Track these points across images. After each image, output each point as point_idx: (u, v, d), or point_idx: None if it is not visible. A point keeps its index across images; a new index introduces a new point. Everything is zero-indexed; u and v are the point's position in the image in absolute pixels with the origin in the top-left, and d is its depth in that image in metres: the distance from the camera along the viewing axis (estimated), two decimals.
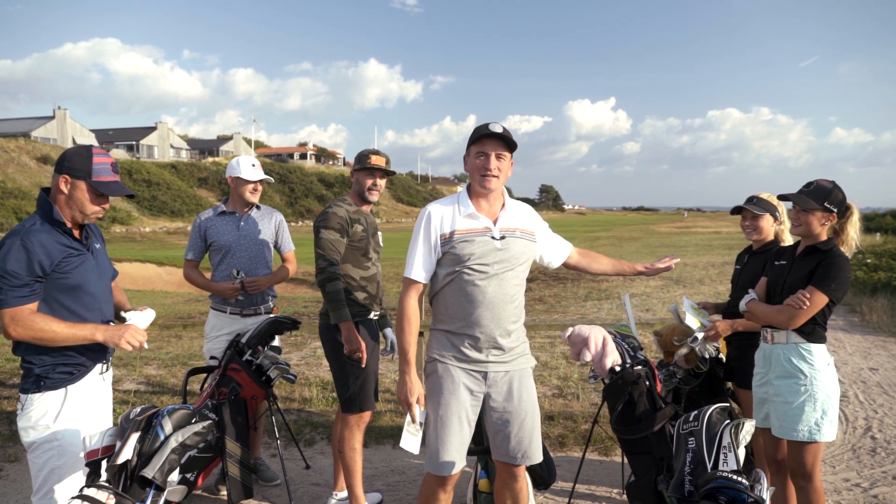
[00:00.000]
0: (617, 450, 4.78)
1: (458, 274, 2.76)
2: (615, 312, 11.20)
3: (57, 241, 2.61)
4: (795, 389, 3.01)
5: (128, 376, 6.86)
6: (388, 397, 6.13)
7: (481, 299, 2.74)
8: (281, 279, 4.30)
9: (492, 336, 2.76)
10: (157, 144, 72.59)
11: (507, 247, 2.78)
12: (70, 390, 2.68)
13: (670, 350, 3.76)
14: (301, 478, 4.45)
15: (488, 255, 2.75)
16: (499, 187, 2.82)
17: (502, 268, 2.76)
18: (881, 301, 11.26)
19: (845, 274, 2.95)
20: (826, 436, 3.00)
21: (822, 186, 3.02)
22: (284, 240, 4.39)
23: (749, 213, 3.72)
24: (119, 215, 50.21)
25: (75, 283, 2.66)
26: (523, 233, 2.87)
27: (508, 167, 2.82)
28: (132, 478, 2.47)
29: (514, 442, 2.84)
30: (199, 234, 4.18)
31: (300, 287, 17.46)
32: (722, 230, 47.20)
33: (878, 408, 5.89)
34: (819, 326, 3.03)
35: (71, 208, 2.66)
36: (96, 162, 2.65)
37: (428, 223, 2.81)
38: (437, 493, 2.82)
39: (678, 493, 2.67)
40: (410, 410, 2.75)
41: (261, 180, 4.18)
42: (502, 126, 2.76)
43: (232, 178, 4.17)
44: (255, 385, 3.83)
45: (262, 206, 4.33)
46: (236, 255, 4.13)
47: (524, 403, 2.83)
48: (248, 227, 4.19)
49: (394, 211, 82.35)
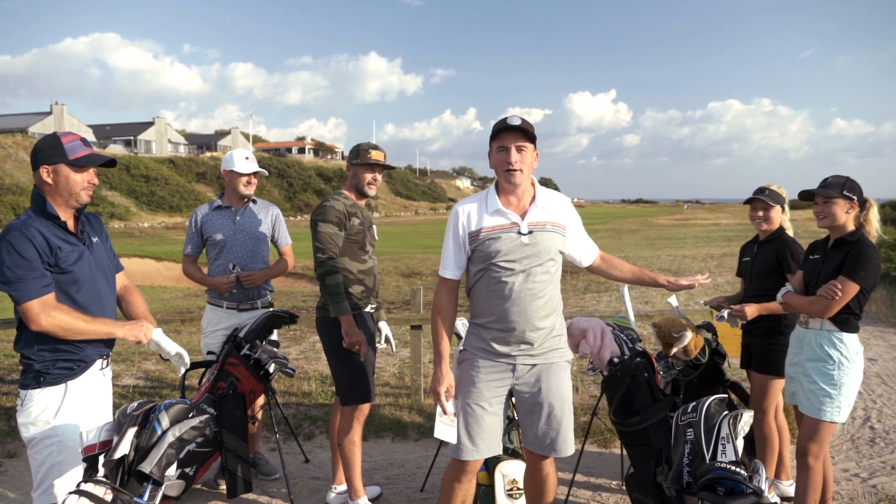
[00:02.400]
0: (616, 442, 4.78)
1: (486, 271, 2.79)
2: (614, 304, 11.20)
3: (52, 233, 2.61)
4: (823, 372, 3.19)
5: (127, 371, 6.86)
6: (388, 391, 6.14)
7: (508, 295, 2.76)
8: (278, 273, 4.29)
9: (519, 331, 2.78)
10: (154, 139, 72.45)
11: (534, 241, 2.77)
12: (70, 386, 2.67)
13: (668, 342, 3.75)
14: (300, 471, 4.46)
15: (515, 252, 2.75)
16: (525, 181, 2.80)
17: (530, 263, 2.76)
18: (880, 292, 11.26)
19: (874, 262, 3.12)
20: (841, 418, 3.20)
21: (837, 179, 3.22)
22: (281, 234, 4.37)
23: (762, 204, 3.77)
24: (117, 210, 50.16)
25: (74, 278, 2.65)
26: (554, 226, 2.82)
27: (533, 158, 2.80)
28: (129, 472, 2.46)
29: (540, 433, 2.86)
30: (196, 229, 4.18)
31: (299, 281, 17.45)
32: (721, 222, 47.20)
33: (876, 398, 5.90)
34: (853, 316, 3.19)
35: (62, 196, 2.66)
36: (66, 142, 2.66)
37: (456, 222, 2.86)
38: (459, 477, 2.89)
39: (677, 484, 2.67)
40: (440, 401, 2.80)
41: (255, 173, 4.17)
42: (521, 118, 2.76)
43: (226, 171, 4.17)
44: (254, 379, 3.83)
45: (258, 199, 4.32)
46: (232, 250, 4.12)
47: (551, 396, 2.83)
48: (244, 221, 4.18)
49: (392, 205, 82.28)
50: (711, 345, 3.92)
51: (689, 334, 3.70)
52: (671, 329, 3.76)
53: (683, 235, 33.31)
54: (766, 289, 3.67)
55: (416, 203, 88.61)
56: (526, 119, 2.76)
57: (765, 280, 3.72)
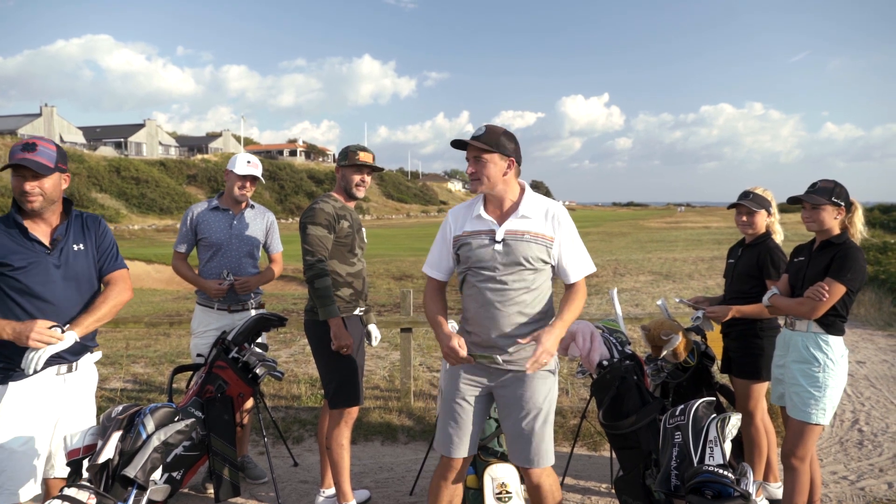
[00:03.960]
0: (605, 444, 4.78)
1: (466, 274, 2.88)
2: (603, 307, 11.21)
3: (7, 235, 2.66)
4: (808, 374, 3.21)
5: (114, 374, 6.81)
6: (377, 394, 6.12)
7: (480, 300, 2.81)
8: (268, 280, 4.30)
9: (491, 336, 2.80)
10: (145, 142, 72.10)
11: (507, 251, 2.76)
12: (11, 387, 2.67)
13: (658, 344, 3.76)
14: (289, 475, 4.43)
15: (488, 259, 2.78)
16: (492, 188, 2.80)
17: (503, 271, 2.76)
18: (868, 295, 11.33)
19: (860, 264, 3.16)
20: (825, 420, 3.20)
21: (826, 185, 3.25)
22: (274, 240, 4.39)
23: (745, 209, 3.76)
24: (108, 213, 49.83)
25: (25, 286, 2.65)
26: (534, 236, 2.78)
27: (494, 166, 2.77)
28: (114, 477, 2.44)
29: (512, 440, 2.88)
30: (191, 228, 4.15)
31: (289, 284, 17.40)
32: (711, 225, 47.43)
33: (864, 401, 5.93)
34: (839, 318, 3.22)
35: (19, 201, 2.69)
36: (12, 149, 2.70)
37: (445, 224, 2.97)
38: (445, 475, 2.95)
39: (664, 487, 2.67)
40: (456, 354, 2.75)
41: (249, 176, 4.15)
42: (486, 126, 2.80)
43: (227, 171, 4.19)
44: (242, 382, 3.81)
45: (256, 205, 4.32)
46: (227, 253, 4.11)
47: (526, 404, 2.82)
48: (240, 226, 4.18)
49: (384, 207, 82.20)
50: (700, 347, 3.93)
51: (679, 337, 3.70)
52: (660, 332, 3.77)
53: (674, 238, 33.44)
54: (745, 291, 3.69)
55: (408, 206, 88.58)
56: (492, 127, 2.78)
57: (744, 283, 3.73)
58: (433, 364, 7.32)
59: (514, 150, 2.80)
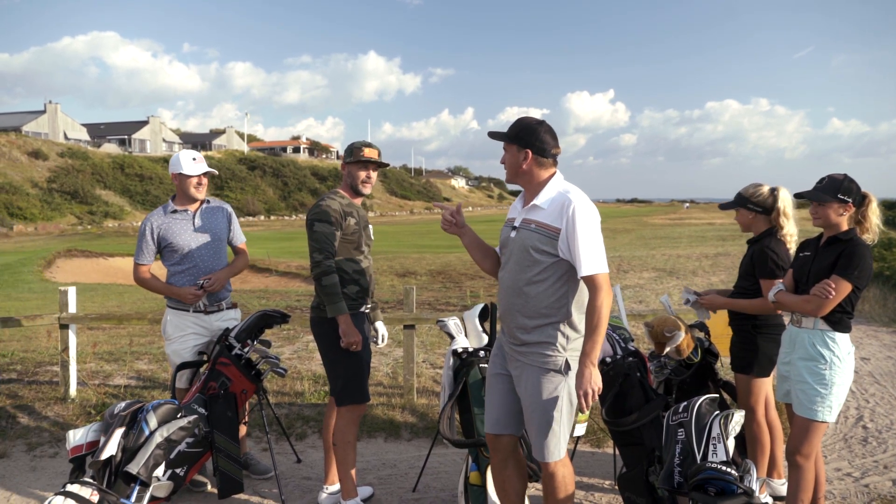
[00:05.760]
0: (609, 441, 4.77)
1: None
2: None
3: None
4: (814, 371, 3.18)
5: (118, 371, 6.83)
6: (381, 390, 6.12)
7: (500, 284, 2.94)
8: (239, 270, 4.25)
9: (506, 323, 2.91)
10: (149, 139, 72.28)
11: (516, 238, 2.84)
12: None
13: (661, 341, 3.75)
14: (292, 472, 4.43)
15: (505, 244, 2.93)
16: (512, 178, 2.91)
17: (513, 258, 2.85)
18: (873, 291, 11.29)
19: (867, 261, 3.11)
20: (831, 417, 3.18)
21: (834, 179, 3.18)
22: (236, 232, 4.31)
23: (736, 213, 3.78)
24: (111, 210, 50.01)
25: None
26: (539, 226, 2.76)
27: (512, 157, 2.86)
28: (116, 474, 2.44)
29: (530, 437, 2.91)
30: (152, 237, 4.03)
31: (293, 280, 17.42)
32: (715, 221, 47.27)
33: (869, 397, 5.91)
34: (846, 315, 3.18)
35: None
36: None
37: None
38: (493, 455, 3.04)
39: (668, 484, 2.66)
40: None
41: (204, 173, 4.09)
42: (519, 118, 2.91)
43: (174, 174, 4.07)
44: (245, 379, 3.81)
45: (211, 199, 4.25)
46: (195, 254, 4.03)
47: (527, 397, 2.83)
48: (203, 224, 4.10)
49: (387, 204, 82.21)
50: (704, 344, 3.92)
51: (682, 334, 3.69)
52: (664, 328, 3.75)
53: (678, 235, 33.35)
54: (744, 287, 3.68)
55: (412, 202, 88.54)
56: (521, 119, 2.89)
57: (744, 279, 3.71)
58: (436, 361, 7.32)
59: (531, 141, 2.79)
